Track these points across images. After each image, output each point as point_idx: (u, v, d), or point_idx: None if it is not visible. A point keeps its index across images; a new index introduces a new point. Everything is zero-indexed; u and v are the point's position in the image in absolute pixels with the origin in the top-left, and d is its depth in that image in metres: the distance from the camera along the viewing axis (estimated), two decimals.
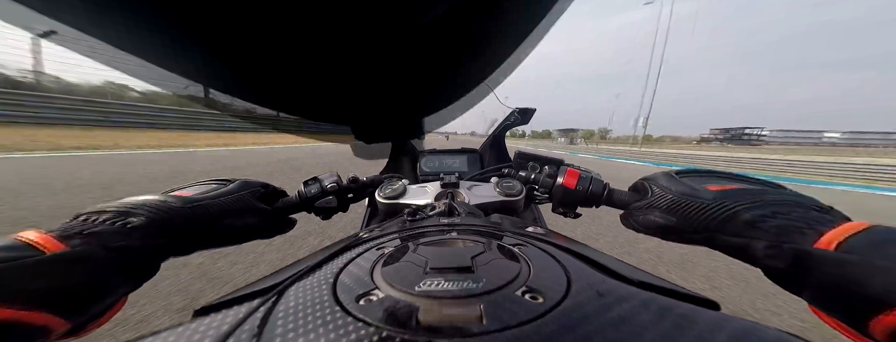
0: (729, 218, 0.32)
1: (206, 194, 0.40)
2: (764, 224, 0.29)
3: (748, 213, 0.30)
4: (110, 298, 0.28)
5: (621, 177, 6.27)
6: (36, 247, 0.24)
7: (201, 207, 0.38)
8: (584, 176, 0.50)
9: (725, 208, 0.32)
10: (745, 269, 0.41)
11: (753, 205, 0.31)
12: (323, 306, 0.19)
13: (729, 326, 0.16)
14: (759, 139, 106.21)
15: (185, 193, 0.39)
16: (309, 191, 0.53)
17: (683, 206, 0.36)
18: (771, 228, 0.29)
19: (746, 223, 0.30)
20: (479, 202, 0.56)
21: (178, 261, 0.37)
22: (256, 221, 0.44)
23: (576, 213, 0.53)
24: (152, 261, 0.33)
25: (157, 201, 0.35)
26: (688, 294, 0.21)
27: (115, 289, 0.29)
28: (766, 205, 0.31)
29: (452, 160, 0.94)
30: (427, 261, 0.23)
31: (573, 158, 6.23)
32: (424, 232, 0.33)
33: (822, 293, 0.25)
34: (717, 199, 0.34)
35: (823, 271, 0.25)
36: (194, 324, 0.18)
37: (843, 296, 0.23)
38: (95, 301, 0.26)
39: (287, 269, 0.27)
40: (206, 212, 0.38)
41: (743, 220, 0.31)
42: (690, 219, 0.35)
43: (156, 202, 0.34)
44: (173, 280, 1.59)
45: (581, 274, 0.22)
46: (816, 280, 0.25)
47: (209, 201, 0.39)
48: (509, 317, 0.16)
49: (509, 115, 0.90)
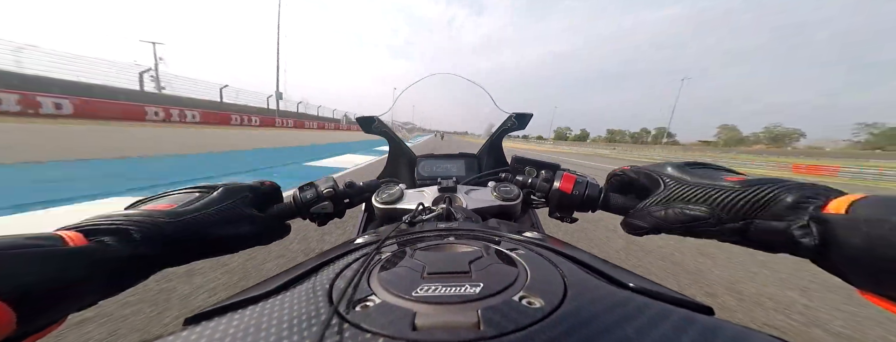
0: (771, 202, 0.31)
1: (191, 206, 0.38)
2: (797, 202, 0.29)
3: (790, 196, 0.30)
4: (87, 303, 0.27)
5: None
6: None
7: (190, 220, 0.36)
8: (581, 180, 0.50)
9: (767, 192, 0.31)
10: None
11: (779, 187, 0.31)
12: (318, 312, 0.18)
13: (723, 331, 0.16)
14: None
15: (165, 206, 0.37)
16: (304, 197, 0.52)
17: (715, 194, 0.34)
18: (802, 206, 0.29)
19: (789, 207, 0.30)
20: (476, 206, 0.56)
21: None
22: (251, 229, 0.42)
23: (572, 218, 0.53)
24: (143, 272, 0.32)
25: (144, 216, 0.33)
26: (683, 299, 0.21)
27: (93, 295, 0.28)
28: (786, 186, 0.31)
29: (450, 164, 0.94)
30: (424, 266, 0.23)
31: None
32: (421, 237, 0.32)
33: (870, 265, 0.24)
34: (751, 185, 0.33)
35: (854, 233, 0.24)
36: (185, 333, 0.18)
37: (879, 256, 0.22)
38: (65, 303, 0.25)
39: (281, 276, 0.27)
40: (194, 225, 0.36)
41: (786, 204, 0.30)
42: (725, 207, 0.33)
43: (142, 217, 0.32)
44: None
45: (578, 279, 0.22)
46: (862, 250, 0.24)
47: (197, 213, 0.37)
48: (506, 322, 0.16)
49: (506, 120, 0.91)
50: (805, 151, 67.61)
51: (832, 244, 0.26)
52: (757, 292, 1.82)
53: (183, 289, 1.48)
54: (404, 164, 0.95)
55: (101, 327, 1.20)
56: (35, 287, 0.22)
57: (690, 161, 0.42)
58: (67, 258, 0.25)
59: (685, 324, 0.17)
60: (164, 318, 1.29)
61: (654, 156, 26.29)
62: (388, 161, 0.96)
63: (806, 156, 35.89)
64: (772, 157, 27.17)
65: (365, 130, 0.90)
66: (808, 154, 45.86)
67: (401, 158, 0.95)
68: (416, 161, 0.95)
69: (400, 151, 0.94)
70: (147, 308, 1.33)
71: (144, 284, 0.33)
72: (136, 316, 1.28)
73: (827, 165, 15.92)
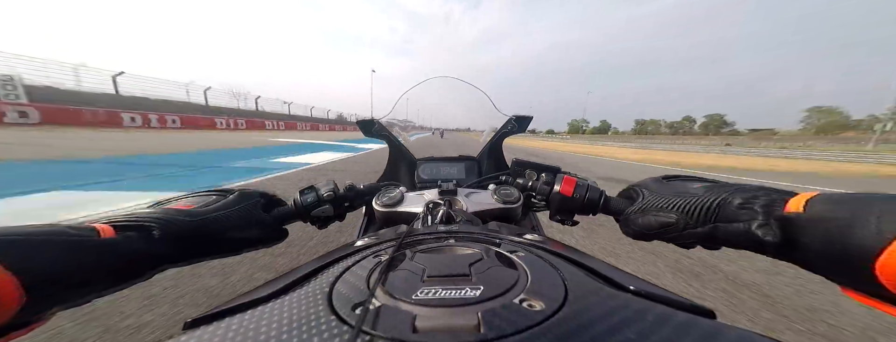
0: (723, 204, 0.34)
1: (210, 207, 0.40)
2: (754, 204, 0.32)
3: (738, 197, 0.33)
4: (91, 296, 0.28)
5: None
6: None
7: (208, 220, 0.38)
8: (581, 183, 0.50)
9: (718, 197, 0.35)
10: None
11: (737, 191, 0.35)
12: (318, 316, 0.18)
13: (725, 335, 0.16)
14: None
15: (185, 206, 0.40)
16: (305, 200, 0.52)
17: (680, 202, 0.38)
18: (760, 207, 0.32)
19: (739, 206, 0.33)
20: (476, 209, 0.55)
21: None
22: (257, 232, 0.44)
23: (573, 221, 0.53)
24: (150, 270, 0.33)
25: (167, 215, 0.35)
26: (684, 302, 0.21)
27: (104, 288, 0.29)
28: (744, 190, 0.35)
29: (450, 167, 0.95)
30: (424, 269, 0.23)
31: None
32: (422, 239, 0.32)
33: (825, 255, 0.26)
34: (708, 190, 0.37)
35: (815, 229, 0.26)
36: (184, 338, 0.18)
37: (839, 251, 0.24)
38: (75, 290, 0.26)
39: (281, 279, 0.27)
40: (211, 226, 0.38)
41: (736, 205, 0.33)
42: (689, 213, 0.37)
43: (165, 215, 0.35)
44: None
45: (579, 282, 0.22)
46: (813, 241, 0.27)
47: (215, 214, 0.39)
48: (507, 325, 0.16)
49: (506, 123, 0.91)
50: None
51: (794, 241, 0.28)
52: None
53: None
54: (405, 167, 0.95)
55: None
56: (52, 272, 0.24)
57: (668, 174, 0.47)
58: (91, 249, 0.27)
59: (687, 328, 0.17)
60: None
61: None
62: (389, 164, 0.96)
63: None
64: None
65: (365, 133, 0.90)
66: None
67: (401, 161, 0.95)
68: (417, 164, 0.95)
69: (400, 154, 0.94)
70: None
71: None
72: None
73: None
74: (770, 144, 48.61)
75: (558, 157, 13.11)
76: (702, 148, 29.41)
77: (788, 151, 26.29)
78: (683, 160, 12.61)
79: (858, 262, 0.23)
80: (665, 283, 1.87)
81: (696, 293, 1.81)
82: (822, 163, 13.61)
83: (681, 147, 30.71)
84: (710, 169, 9.42)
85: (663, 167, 9.80)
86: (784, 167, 11.05)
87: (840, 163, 13.92)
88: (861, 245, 0.23)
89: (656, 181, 0.45)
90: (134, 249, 0.31)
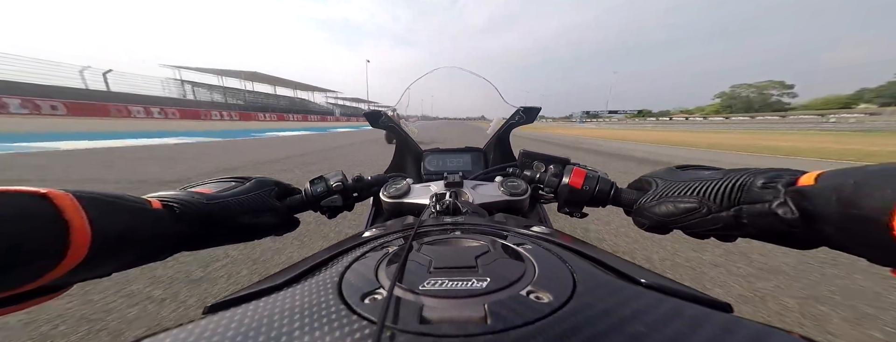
0: (748, 185, 0.33)
1: (226, 192, 0.41)
2: (777, 183, 0.31)
3: (761, 178, 0.32)
4: (135, 263, 0.30)
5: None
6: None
7: (224, 204, 0.39)
8: (591, 175, 0.50)
9: (740, 178, 0.34)
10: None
11: (758, 173, 0.34)
12: (328, 305, 0.19)
13: (742, 329, 0.16)
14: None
15: (205, 190, 0.40)
16: (315, 190, 0.53)
17: (701, 187, 0.37)
18: (783, 186, 0.31)
19: (763, 186, 0.32)
20: (483, 201, 0.55)
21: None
22: (270, 219, 0.45)
23: (582, 213, 0.52)
24: (166, 252, 0.34)
25: (190, 196, 0.36)
26: (699, 296, 0.21)
27: (140, 258, 0.31)
28: (764, 171, 0.34)
29: (456, 159, 0.94)
30: (431, 260, 0.23)
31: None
32: (428, 231, 0.33)
33: (843, 225, 0.25)
34: (727, 174, 0.36)
35: (828, 200, 0.26)
36: (204, 322, 0.18)
37: (857, 217, 0.23)
38: (134, 252, 0.29)
39: (294, 268, 0.28)
40: (227, 210, 0.39)
41: (759, 185, 0.32)
42: (712, 197, 0.36)
43: (188, 197, 0.36)
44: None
45: (587, 274, 0.22)
46: (829, 212, 0.26)
47: (230, 199, 0.40)
48: (514, 316, 0.16)
49: (514, 114, 0.90)
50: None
51: (811, 215, 0.28)
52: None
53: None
54: (411, 159, 0.95)
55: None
56: (118, 233, 0.26)
57: (679, 164, 0.46)
58: (149, 217, 0.30)
59: (700, 321, 0.16)
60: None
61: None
62: (395, 155, 0.96)
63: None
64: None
65: (372, 124, 0.90)
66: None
67: (407, 153, 0.95)
68: (423, 155, 0.95)
69: (407, 146, 0.94)
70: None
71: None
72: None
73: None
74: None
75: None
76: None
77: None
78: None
79: (875, 227, 0.22)
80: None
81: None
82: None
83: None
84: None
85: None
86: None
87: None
88: (875, 207, 0.22)
89: (669, 171, 0.44)
90: (167, 226, 0.32)
